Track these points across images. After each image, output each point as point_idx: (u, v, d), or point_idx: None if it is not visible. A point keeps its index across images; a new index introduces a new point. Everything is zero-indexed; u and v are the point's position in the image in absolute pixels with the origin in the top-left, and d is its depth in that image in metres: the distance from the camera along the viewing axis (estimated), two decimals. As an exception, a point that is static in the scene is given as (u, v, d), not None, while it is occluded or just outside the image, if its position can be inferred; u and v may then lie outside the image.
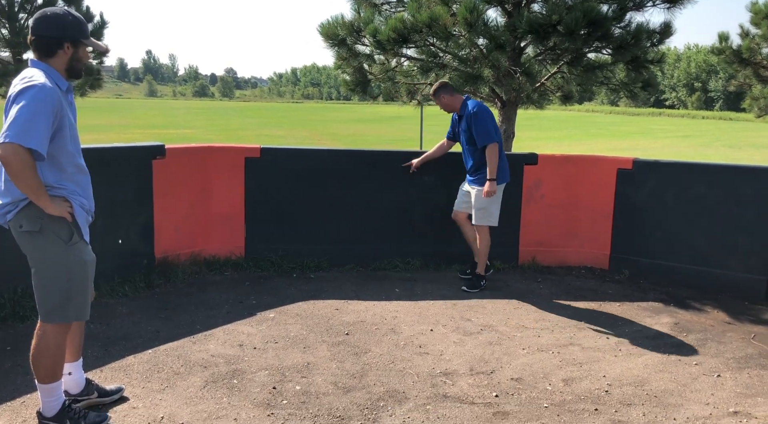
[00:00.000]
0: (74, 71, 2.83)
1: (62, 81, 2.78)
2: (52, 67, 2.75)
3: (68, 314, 2.87)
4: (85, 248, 2.91)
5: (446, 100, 5.43)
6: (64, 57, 2.78)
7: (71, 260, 2.82)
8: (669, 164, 5.81)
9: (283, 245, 5.84)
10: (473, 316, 4.79)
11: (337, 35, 7.63)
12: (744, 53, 13.03)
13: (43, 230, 2.76)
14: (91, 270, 2.93)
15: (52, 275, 2.82)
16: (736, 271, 5.38)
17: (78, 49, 2.81)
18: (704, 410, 3.42)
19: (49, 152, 2.69)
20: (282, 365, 3.81)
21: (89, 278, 2.92)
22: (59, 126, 2.70)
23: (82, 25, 2.82)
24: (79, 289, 2.87)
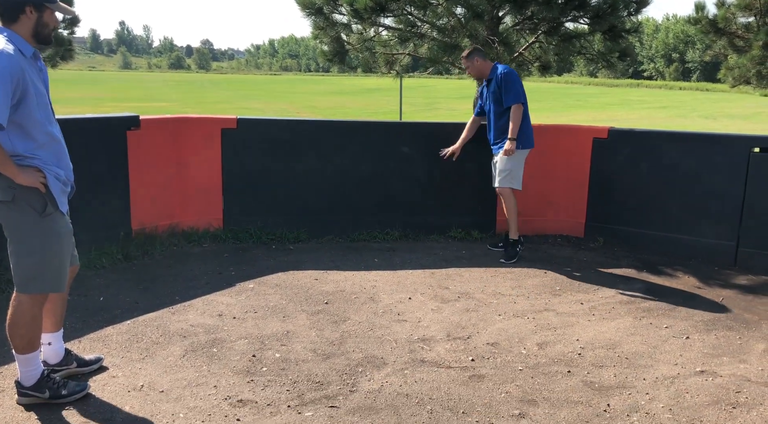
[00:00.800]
0: (41, 37, 2.75)
1: (27, 47, 2.71)
2: (16, 32, 2.69)
3: (43, 285, 2.85)
4: (61, 220, 2.88)
5: (479, 64, 5.44)
6: (28, 22, 2.70)
7: (45, 231, 2.81)
8: (644, 133, 5.89)
9: (261, 217, 5.84)
10: (451, 284, 4.86)
11: (313, 4, 7.57)
12: (720, 23, 13.09)
13: (15, 200, 2.74)
14: (67, 242, 2.91)
15: (26, 245, 2.80)
16: (706, 237, 5.50)
17: (42, 13, 2.72)
18: (672, 370, 3.53)
19: (15, 120, 2.65)
20: (261, 333, 3.85)
21: (65, 249, 2.91)
22: (23, 93, 2.64)
23: None
24: (54, 260, 2.86)
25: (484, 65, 5.45)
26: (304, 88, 60.43)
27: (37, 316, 2.88)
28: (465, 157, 5.90)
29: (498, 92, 5.33)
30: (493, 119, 5.47)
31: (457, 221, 6.06)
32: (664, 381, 3.40)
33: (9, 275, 4.22)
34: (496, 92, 5.35)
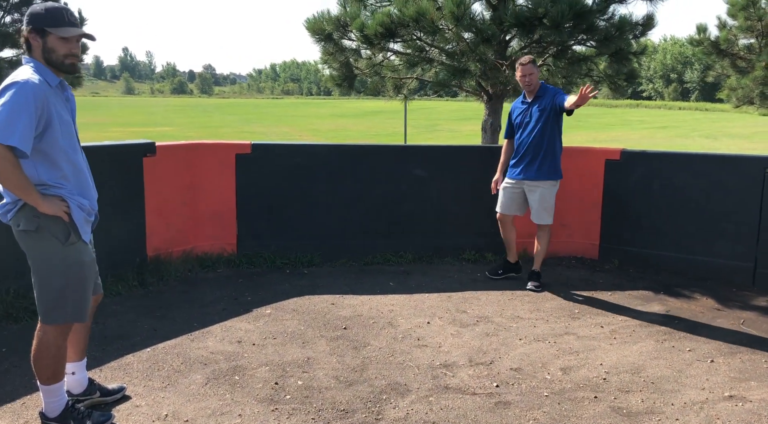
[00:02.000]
0: (54, 64, 2.70)
1: (51, 76, 2.70)
2: (38, 61, 2.69)
3: (66, 315, 2.82)
4: (84, 249, 2.86)
5: (536, 74, 5.15)
6: (37, 50, 2.68)
7: (68, 260, 2.78)
8: (656, 155, 5.89)
9: (275, 241, 5.83)
10: (468, 308, 4.83)
11: (323, 30, 7.63)
12: (722, 44, 13.21)
13: (39, 230, 2.73)
14: (89, 271, 2.89)
15: (49, 274, 2.78)
16: (723, 258, 5.48)
17: (45, 39, 2.67)
18: (700, 395, 3.49)
19: (40, 149, 2.65)
20: (282, 360, 3.82)
21: (88, 278, 2.88)
22: (48, 122, 2.64)
23: (51, 13, 2.66)
24: (77, 290, 2.83)
25: (537, 78, 5.20)
26: (305, 112, 60.78)
27: (61, 347, 2.86)
28: (477, 178, 5.91)
29: (548, 111, 5.05)
30: (532, 139, 5.12)
31: (470, 244, 6.05)
32: (693, 406, 3.36)
33: (27, 304, 4.22)
34: (543, 110, 5.07)
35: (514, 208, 5.36)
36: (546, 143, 5.12)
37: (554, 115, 5.11)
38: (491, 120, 7.96)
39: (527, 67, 5.11)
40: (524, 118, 5.20)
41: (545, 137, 5.12)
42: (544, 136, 5.12)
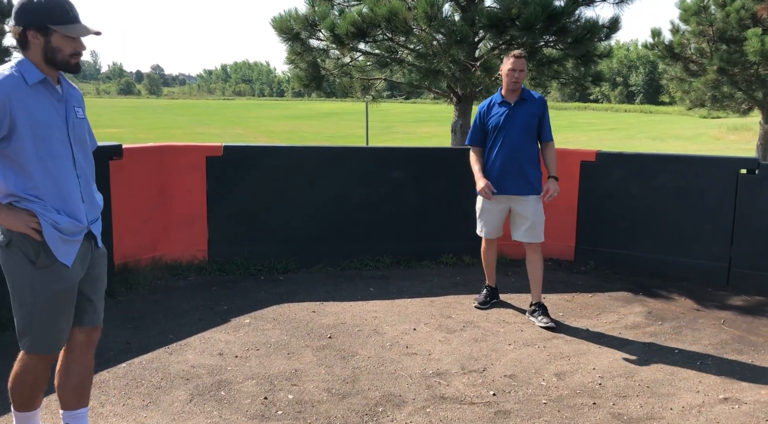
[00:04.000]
0: (57, 63, 2.41)
1: (33, 73, 2.38)
2: (28, 59, 2.40)
3: (33, 343, 2.49)
4: (60, 273, 2.46)
5: (525, 73, 4.51)
6: (36, 49, 2.38)
7: (36, 286, 2.44)
8: (631, 156, 5.92)
9: (248, 247, 5.62)
10: (453, 312, 4.73)
11: (291, 29, 7.45)
12: (675, 48, 13.55)
13: (10, 245, 2.41)
14: (63, 300, 2.49)
15: (19, 296, 2.47)
16: (698, 258, 5.54)
17: (49, 38, 2.37)
18: (696, 398, 3.47)
19: (7, 154, 2.36)
20: (268, 373, 3.64)
21: (59, 308, 2.49)
22: (12, 123, 2.32)
23: (53, 8, 2.36)
24: (46, 319, 2.47)
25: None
26: (258, 113, 60.03)
27: (39, 377, 2.54)
28: (455, 181, 5.83)
29: (534, 119, 4.52)
30: (519, 147, 4.50)
31: (448, 247, 5.96)
32: (692, 410, 3.33)
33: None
34: (531, 117, 4.51)
35: (499, 229, 4.71)
36: (534, 151, 4.57)
37: (536, 125, 4.57)
38: (461, 122, 7.91)
39: (521, 61, 4.43)
40: (505, 122, 4.49)
41: (533, 145, 4.57)
42: (533, 144, 4.57)
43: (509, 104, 4.54)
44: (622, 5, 7.68)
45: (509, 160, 4.50)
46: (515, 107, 4.53)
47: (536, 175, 4.58)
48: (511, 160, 4.50)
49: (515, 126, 4.49)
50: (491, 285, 4.96)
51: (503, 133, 4.53)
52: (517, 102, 4.53)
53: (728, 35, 12.74)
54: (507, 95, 4.58)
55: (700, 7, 12.94)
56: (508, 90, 4.56)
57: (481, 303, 4.87)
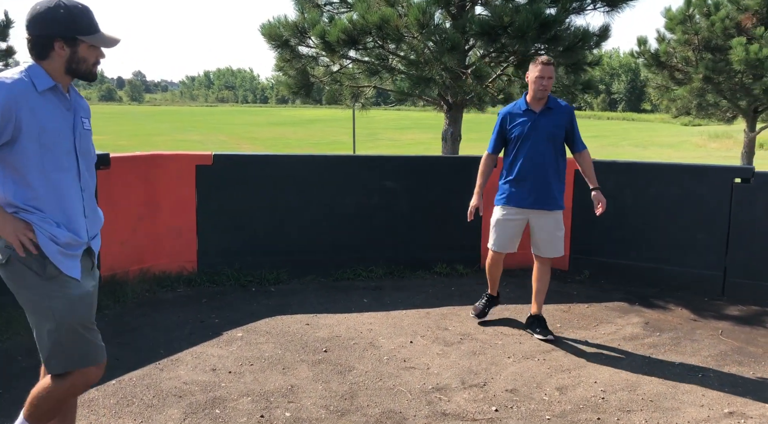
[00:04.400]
0: (80, 73, 2.35)
1: (44, 80, 2.28)
2: (42, 67, 2.31)
3: (66, 361, 2.33)
4: (71, 282, 2.35)
5: (553, 80, 4.29)
6: (60, 59, 2.30)
7: (54, 295, 2.30)
8: (626, 165, 5.89)
9: (238, 258, 5.51)
10: (449, 324, 4.65)
11: (280, 36, 7.36)
12: (662, 56, 13.64)
13: (11, 262, 2.29)
14: (87, 304, 2.38)
15: (37, 316, 2.31)
16: (694, 268, 5.51)
17: (77, 48, 2.30)
18: (701, 413, 3.41)
19: (9, 162, 2.25)
20: (264, 389, 3.53)
21: (86, 315, 2.38)
22: (17, 129, 2.22)
23: (80, 18, 2.29)
24: (74, 329, 2.33)
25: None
26: (242, 120, 59.79)
27: (62, 400, 2.41)
28: (448, 190, 5.77)
29: (561, 130, 4.31)
30: (543, 158, 4.28)
31: (442, 257, 5.89)
32: (697, 424, 3.28)
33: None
34: (557, 128, 4.29)
35: (512, 244, 4.48)
36: (559, 163, 4.35)
37: (564, 137, 4.37)
38: (451, 130, 7.86)
39: (549, 68, 4.18)
40: (529, 131, 4.26)
41: (559, 156, 4.34)
42: (558, 155, 4.33)
43: (534, 113, 4.30)
44: (612, 13, 7.68)
45: (533, 172, 4.28)
46: (540, 116, 4.29)
47: (560, 189, 4.39)
48: (534, 173, 4.28)
49: (540, 136, 4.26)
50: (492, 294, 4.75)
51: (527, 144, 4.29)
52: (543, 111, 4.29)
53: (713, 44, 12.84)
54: (532, 103, 4.32)
55: (685, 16, 13.03)
56: (534, 98, 4.29)
57: (478, 313, 4.70)
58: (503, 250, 4.50)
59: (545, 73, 4.19)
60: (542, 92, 4.24)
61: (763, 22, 12.27)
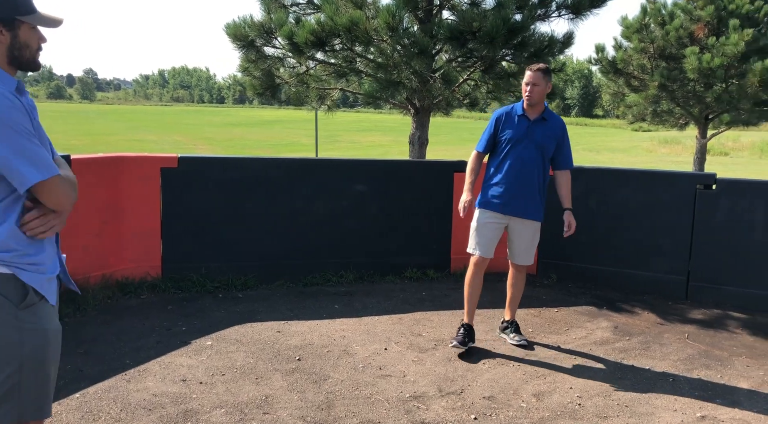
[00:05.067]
0: (23, 62, 2.00)
1: (8, 79, 1.95)
2: None
3: (24, 407, 1.98)
4: (48, 311, 2.04)
5: (541, 88, 4.17)
6: (1, 47, 1.95)
7: (26, 328, 1.95)
8: (593, 170, 5.97)
9: (204, 263, 5.36)
10: (423, 330, 4.61)
11: (246, 36, 7.21)
12: (619, 64, 13.93)
13: None
14: (57, 342, 2.06)
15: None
16: (658, 272, 5.61)
17: (17, 31, 1.96)
18: (675, 417, 3.45)
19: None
20: (237, 400, 3.43)
21: (55, 355, 2.06)
22: None
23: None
24: (40, 370, 2.00)
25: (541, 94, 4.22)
26: (198, 120, 58.77)
27: None
28: (419, 194, 5.74)
29: (552, 142, 4.25)
30: (532, 166, 4.21)
31: (412, 261, 5.85)
32: (673, 429, 3.31)
33: None
34: (549, 138, 4.23)
35: (493, 249, 4.35)
36: (545, 175, 4.30)
37: (554, 150, 4.30)
38: (419, 133, 7.84)
39: (535, 75, 4.14)
40: (522, 136, 4.19)
41: (545, 168, 4.28)
42: (545, 166, 4.28)
43: (528, 120, 4.23)
44: (575, 20, 7.78)
45: (521, 179, 4.21)
46: (534, 125, 4.22)
47: (542, 200, 4.34)
48: (522, 180, 4.21)
49: (532, 144, 4.19)
50: (469, 323, 4.32)
51: (517, 149, 4.21)
52: (537, 120, 4.23)
53: (668, 53, 13.18)
54: (528, 110, 4.24)
55: (641, 25, 13.35)
56: (527, 104, 4.22)
57: (460, 343, 4.20)
58: (488, 254, 4.32)
59: (530, 79, 4.14)
60: (528, 98, 4.17)
61: (714, 32, 12.66)
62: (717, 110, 13.45)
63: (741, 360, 4.30)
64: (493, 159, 4.36)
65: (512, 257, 4.46)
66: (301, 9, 7.76)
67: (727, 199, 5.31)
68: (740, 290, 5.34)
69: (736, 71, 11.99)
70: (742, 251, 5.31)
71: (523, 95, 4.21)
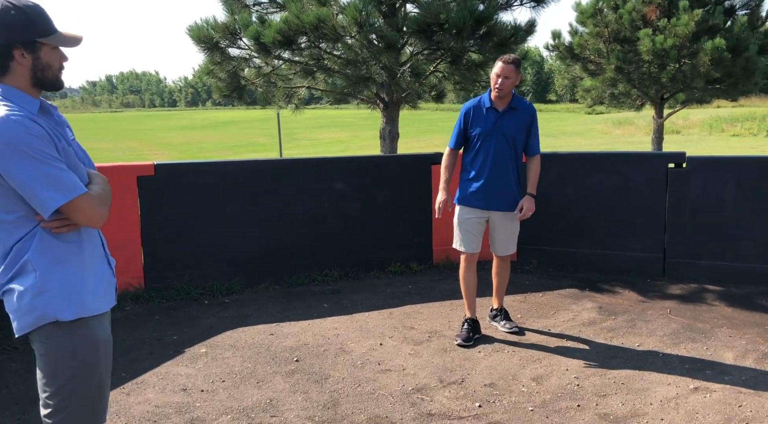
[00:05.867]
0: (46, 82, 2.00)
1: (31, 102, 1.96)
2: (11, 86, 1.95)
3: (76, 417, 2.03)
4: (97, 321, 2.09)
5: (513, 80, 4.13)
6: (23, 69, 1.96)
7: (76, 340, 2.02)
8: (568, 155, 6.09)
9: (187, 270, 5.30)
10: (414, 323, 4.65)
11: (210, 38, 7.11)
12: (576, 49, 14.17)
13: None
14: (105, 355, 2.11)
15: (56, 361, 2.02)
16: (635, 251, 5.76)
17: (38, 54, 1.97)
18: (670, 391, 3.57)
19: None
20: (242, 405, 3.41)
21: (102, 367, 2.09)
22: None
23: (35, 17, 1.95)
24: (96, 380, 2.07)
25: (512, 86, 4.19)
26: (151, 125, 57.65)
27: None
28: (398, 189, 5.77)
29: (523, 131, 4.25)
30: (505, 159, 4.23)
31: (395, 256, 5.88)
32: (670, 403, 3.42)
33: None
34: (519, 128, 4.23)
35: (479, 243, 4.38)
36: (519, 165, 4.31)
37: (522, 139, 4.29)
38: (389, 128, 7.86)
39: (507, 68, 4.09)
40: (491, 130, 4.19)
41: (518, 158, 4.29)
42: (519, 157, 4.30)
43: (497, 111, 4.20)
44: (537, 8, 7.91)
45: (496, 173, 4.21)
46: (504, 116, 4.20)
47: (519, 190, 4.35)
48: (497, 173, 4.21)
49: (503, 137, 4.19)
50: (472, 317, 4.38)
51: (489, 144, 4.21)
52: (506, 110, 4.20)
53: (622, 36, 13.45)
54: (495, 101, 4.21)
55: (595, 10, 13.58)
56: (496, 96, 4.19)
57: (464, 340, 4.24)
58: (475, 250, 4.37)
59: (502, 72, 4.10)
60: (498, 91, 4.13)
61: (665, 14, 12.98)
62: (672, 90, 13.81)
63: (723, 331, 4.46)
64: (467, 154, 4.37)
65: (495, 250, 4.48)
66: (263, 8, 7.68)
67: (698, 177, 5.48)
68: (714, 264, 5.53)
69: (688, 51, 12.33)
70: (714, 226, 5.49)
71: (492, 86, 4.17)
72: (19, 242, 1.94)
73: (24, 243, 1.94)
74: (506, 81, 4.11)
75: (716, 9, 12.09)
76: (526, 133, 4.27)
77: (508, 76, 4.11)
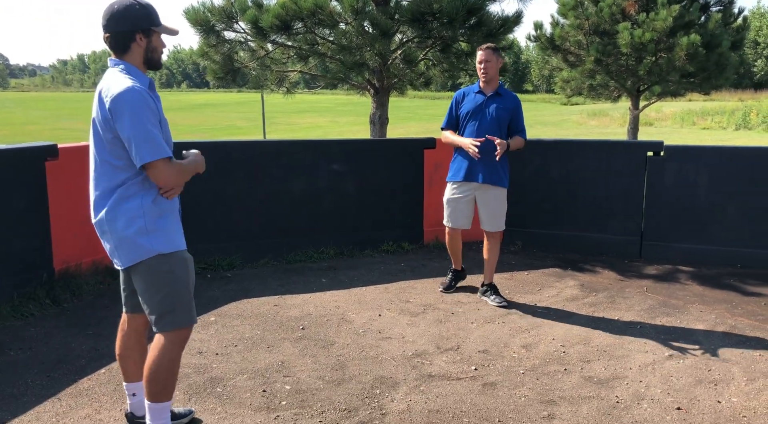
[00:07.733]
0: (153, 63, 2.64)
1: (143, 78, 2.58)
2: (130, 63, 2.58)
3: (179, 317, 2.71)
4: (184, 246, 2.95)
5: (493, 64, 4.63)
6: (139, 50, 2.60)
7: (171, 261, 2.75)
8: (552, 142, 6.41)
9: (189, 246, 5.46)
10: (409, 297, 4.94)
11: (207, 21, 7.27)
12: (557, 41, 14.52)
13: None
14: (191, 270, 2.87)
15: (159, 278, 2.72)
16: (614, 234, 6.12)
17: (151, 38, 2.61)
18: (648, 358, 3.91)
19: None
20: (256, 367, 3.67)
21: (191, 280, 2.85)
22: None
23: (151, 11, 2.61)
24: (186, 288, 2.79)
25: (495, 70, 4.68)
26: (126, 106, 56.69)
27: (176, 359, 2.71)
28: (392, 171, 6.03)
29: (506, 113, 4.68)
30: (490, 143, 4.59)
31: (388, 235, 6.16)
32: (647, 367, 3.76)
33: None
34: (503, 111, 4.66)
35: (466, 220, 4.84)
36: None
37: (509, 121, 4.73)
38: (379, 113, 8.10)
39: (486, 53, 4.60)
40: (478, 111, 4.66)
41: (504, 137, 4.68)
42: (503, 136, 4.69)
43: (484, 95, 4.71)
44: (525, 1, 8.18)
45: (481, 148, 4.58)
46: (489, 99, 4.68)
47: (505, 169, 4.75)
48: (483, 149, 4.58)
49: (487, 116, 4.65)
50: (457, 268, 5.14)
51: (475, 122, 4.68)
52: (493, 95, 4.69)
53: (602, 29, 13.82)
54: (483, 87, 4.73)
55: (577, 2, 13.92)
56: (483, 81, 4.70)
57: (445, 288, 5.08)
58: (457, 226, 4.88)
59: (483, 57, 4.63)
60: (483, 75, 4.65)
61: (644, 8, 13.38)
62: (648, 82, 14.24)
63: (695, 307, 4.83)
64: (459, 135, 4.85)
65: (483, 224, 4.90)
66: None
67: (674, 164, 5.84)
68: (687, 247, 5.91)
69: (665, 45, 12.75)
70: (688, 211, 5.86)
71: (479, 73, 4.72)
72: (122, 186, 2.54)
73: (127, 188, 2.55)
74: (488, 64, 4.63)
75: (693, 5, 12.49)
76: (510, 117, 4.73)
77: (489, 60, 4.63)
